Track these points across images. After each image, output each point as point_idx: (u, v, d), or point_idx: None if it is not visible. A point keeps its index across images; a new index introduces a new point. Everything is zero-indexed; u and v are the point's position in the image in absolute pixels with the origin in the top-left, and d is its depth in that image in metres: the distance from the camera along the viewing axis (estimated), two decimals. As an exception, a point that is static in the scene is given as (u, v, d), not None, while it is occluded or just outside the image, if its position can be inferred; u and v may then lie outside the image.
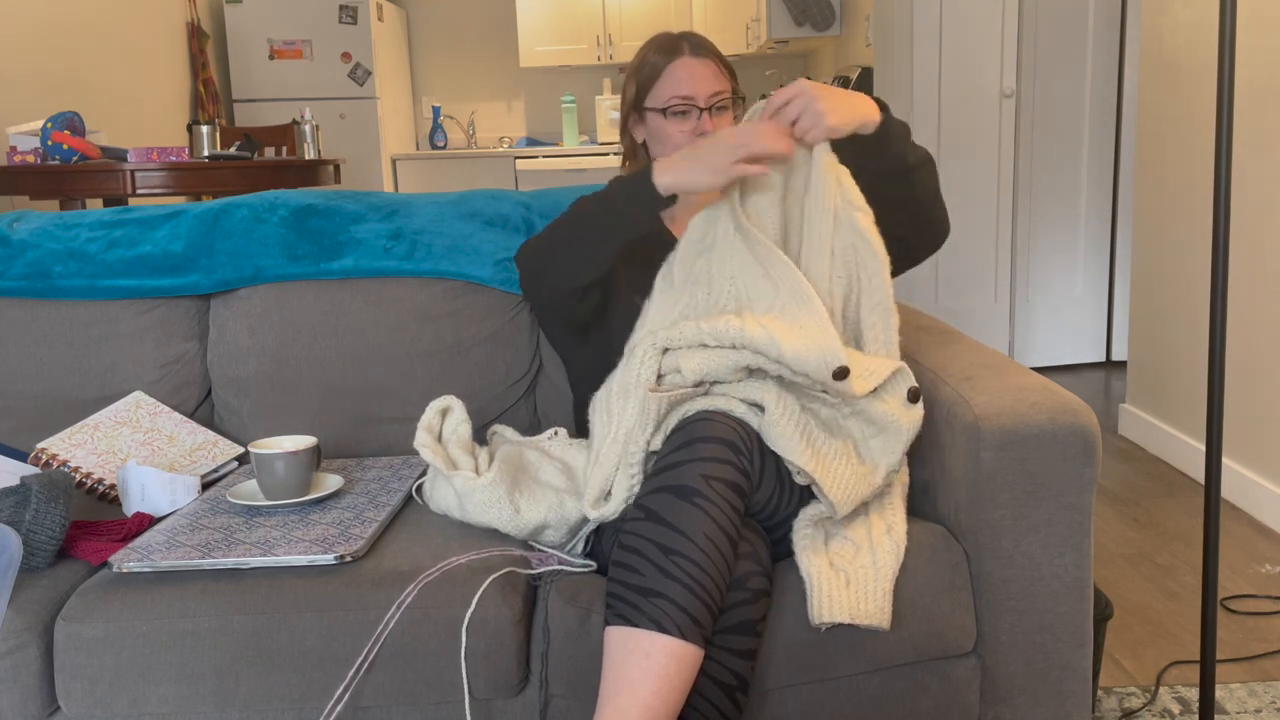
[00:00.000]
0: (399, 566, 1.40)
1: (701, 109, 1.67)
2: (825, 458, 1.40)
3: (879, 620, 1.34)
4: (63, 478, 1.47)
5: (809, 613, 1.34)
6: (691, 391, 1.43)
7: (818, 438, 1.41)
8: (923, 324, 1.85)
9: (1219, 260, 1.56)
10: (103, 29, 4.54)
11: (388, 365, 1.90)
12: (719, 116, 1.69)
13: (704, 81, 1.68)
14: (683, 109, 1.67)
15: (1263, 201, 2.68)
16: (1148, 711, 1.87)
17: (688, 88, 1.67)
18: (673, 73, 1.68)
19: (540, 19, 6.41)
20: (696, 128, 1.67)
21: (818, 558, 1.37)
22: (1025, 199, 4.34)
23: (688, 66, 1.68)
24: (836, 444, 1.43)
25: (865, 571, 1.36)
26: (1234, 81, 1.78)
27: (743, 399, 1.43)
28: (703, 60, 1.69)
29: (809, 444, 1.39)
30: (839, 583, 1.35)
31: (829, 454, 1.41)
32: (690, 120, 1.68)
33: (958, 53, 4.22)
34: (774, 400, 1.40)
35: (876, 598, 1.35)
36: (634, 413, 1.40)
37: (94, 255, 1.94)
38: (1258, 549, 2.56)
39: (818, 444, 1.40)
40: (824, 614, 1.32)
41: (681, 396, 1.42)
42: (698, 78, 1.68)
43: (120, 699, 1.35)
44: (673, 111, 1.68)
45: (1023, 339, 4.45)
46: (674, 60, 1.69)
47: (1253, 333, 2.74)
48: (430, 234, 1.95)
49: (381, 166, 5.96)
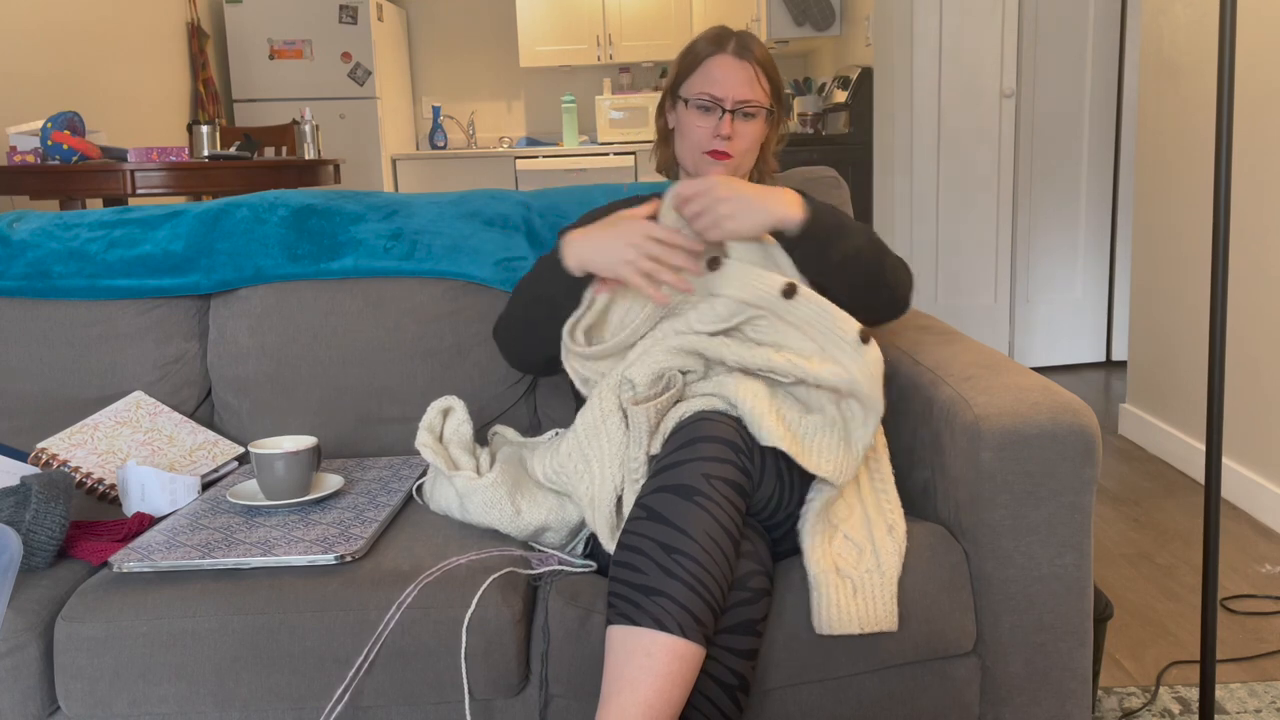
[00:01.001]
0: (399, 566, 1.40)
1: (725, 110, 1.64)
2: (803, 435, 1.40)
3: (887, 625, 1.34)
4: (63, 478, 1.47)
5: (815, 621, 1.34)
6: (668, 398, 1.42)
7: (793, 419, 1.41)
8: (923, 324, 1.85)
9: (1219, 260, 1.56)
10: (103, 29, 4.54)
11: (388, 365, 1.90)
12: (743, 123, 1.65)
13: (737, 85, 1.64)
14: (707, 105, 1.65)
15: (1263, 202, 2.68)
16: (1148, 711, 1.87)
17: (719, 87, 1.64)
18: (709, 67, 1.66)
19: (540, 19, 6.41)
20: (717, 128, 1.64)
21: (825, 561, 1.37)
22: (1025, 199, 4.34)
23: (725, 65, 1.65)
24: (814, 419, 1.42)
25: (871, 577, 1.36)
26: (1234, 81, 1.79)
27: (716, 394, 1.43)
28: (742, 63, 1.65)
29: (785, 426, 1.39)
30: (846, 591, 1.35)
31: (807, 430, 1.40)
32: (712, 118, 1.65)
33: (958, 53, 4.22)
34: (744, 391, 1.40)
35: (884, 601, 1.35)
36: (617, 437, 1.41)
37: (94, 255, 1.94)
38: (1258, 549, 2.56)
39: (793, 424, 1.40)
40: (832, 626, 1.33)
41: (661, 405, 1.41)
42: (731, 79, 1.64)
43: (120, 699, 1.35)
44: (697, 104, 1.66)
45: (1023, 339, 4.45)
46: (715, 55, 1.66)
47: (1253, 333, 2.74)
48: (430, 234, 1.95)
49: (381, 166, 5.96)
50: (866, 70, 4.67)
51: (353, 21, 5.74)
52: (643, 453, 1.39)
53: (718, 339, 1.47)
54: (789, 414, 1.42)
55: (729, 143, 1.64)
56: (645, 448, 1.39)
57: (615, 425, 1.43)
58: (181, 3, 5.28)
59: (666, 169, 1.79)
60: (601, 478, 1.41)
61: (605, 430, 1.43)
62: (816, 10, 5.22)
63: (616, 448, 1.42)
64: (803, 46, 6.11)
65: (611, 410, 1.44)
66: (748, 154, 1.68)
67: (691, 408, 1.41)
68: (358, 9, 5.73)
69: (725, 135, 1.63)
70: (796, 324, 1.45)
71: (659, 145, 1.79)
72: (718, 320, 1.48)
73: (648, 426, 1.39)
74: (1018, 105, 4.26)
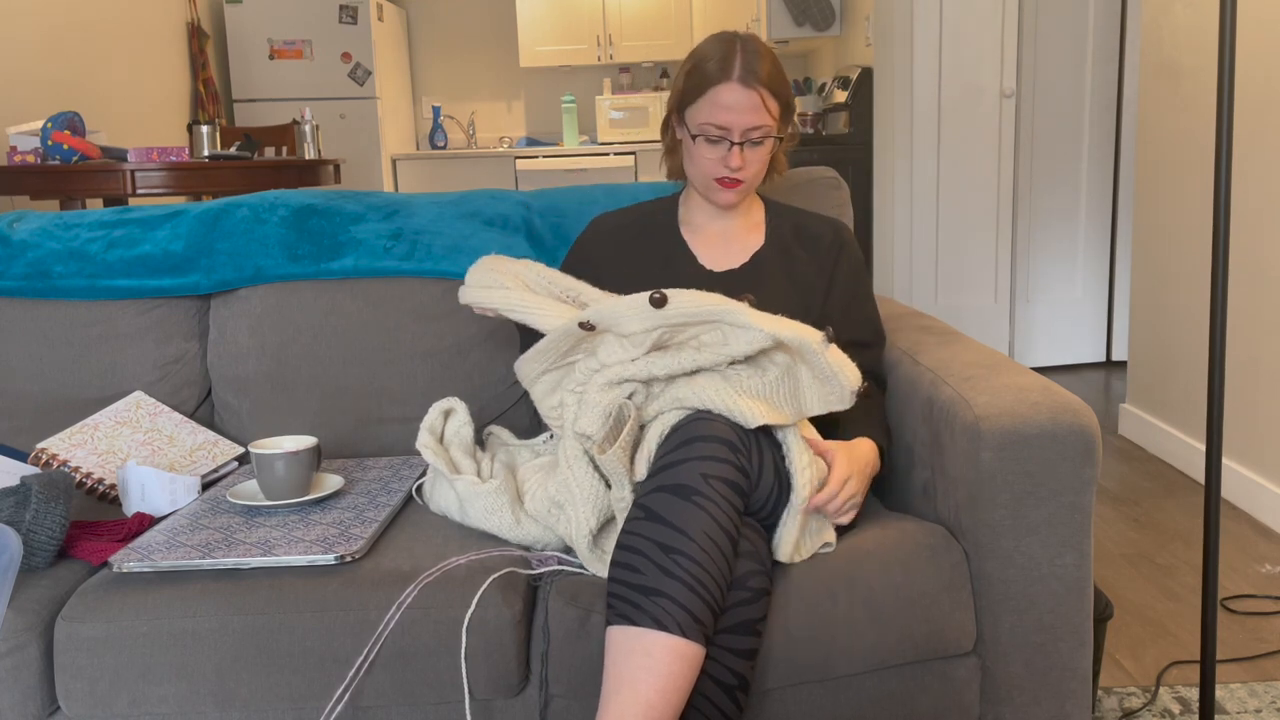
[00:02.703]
0: (399, 566, 1.40)
1: (734, 143, 1.61)
2: (777, 400, 1.41)
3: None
4: (63, 478, 1.47)
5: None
6: (629, 430, 1.40)
7: (757, 386, 1.41)
8: (923, 324, 1.85)
9: (1219, 260, 1.56)
10: (103, 29, 4.54)
11: (388, 365, 1.90)
12: (752, 150, 1.63)
13: (744, 114, 1.59)
14: (715, 137, 1.62)
15: (1263, 202, 2.68)
16: (1148, 711, 1.87)
17: (725, 117, 1.59)
18: (716, 96, 1.59)
19: (540, 19, 6.41)
20: (726, 159, 1.62)
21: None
22: (1025, 199, 4.34)
23: (732, 94, 1.59)
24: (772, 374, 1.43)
25: None
26: (1234, 82, 1.79)
27: (679, 406, 1.42)
28: (749, 91, 1.58)
29: (760, 400, 1.40)
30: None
31: (774, 389, 1.41)
32: (721, 149, 1.62)
33: (958, 53, 4.22)
34: (703, 390, 1.39)
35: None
36: (587, 482, 1.41)
37: (94, 255, 1.94)
38: (1258, 549, 2.56)
39: (760, 391, 1.41)
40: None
41: (625, 442, 1.39)
42: (738, 109, 1.59)
43: (120, 699, 1.35)
44: (704, 136, 1.63)
45: (1023, 339, 4.45)
46: (722, 84, 1.59)
47: (1253, 333, 2.74)
48: (430, 234, 1.95)
49: (381, 166, 5.96)
50: (866, 70, 4.67)
51: (353, 21, 5.74)
52: (627, 492, 1.38)
53: (639, 362, 1.43)
54: (751, 383, 1.41)
55: (739, 170, 1.63)
56: (629, 488, 1.38)
57: (582, 471, 1.42)
58: (181, 3, 5.28)
59: (677, 176, 1.79)
60: (577, 521, 1.42)
61: (574, 476, 1.43)
62: (816, 10, 5.22)
63: (588, 493, 1.42)
64: (803, 46, 6.11)
65: (577, 456, 1.43)
66: (758, 175, 1.67)
67: (667, 423, 1.40)
68: (358, 9, 5.73)
69: (733, 166, 1.62)
70: (689, 322, 1.43)
71: (668, 154, 1.78)
72: (628, 350, 1.45)
73: (625, 466, 1.38)
74: (1018, 105, 4.26)
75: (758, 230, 1.75)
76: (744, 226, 1.75)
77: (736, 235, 1.74)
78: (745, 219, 1.75)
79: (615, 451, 1.36)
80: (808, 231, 1.75)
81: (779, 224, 1.76)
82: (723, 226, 1.74)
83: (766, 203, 1.80)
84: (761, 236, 1.74)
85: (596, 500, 1.42)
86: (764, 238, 1.74)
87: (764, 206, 1.79)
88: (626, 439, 1.39)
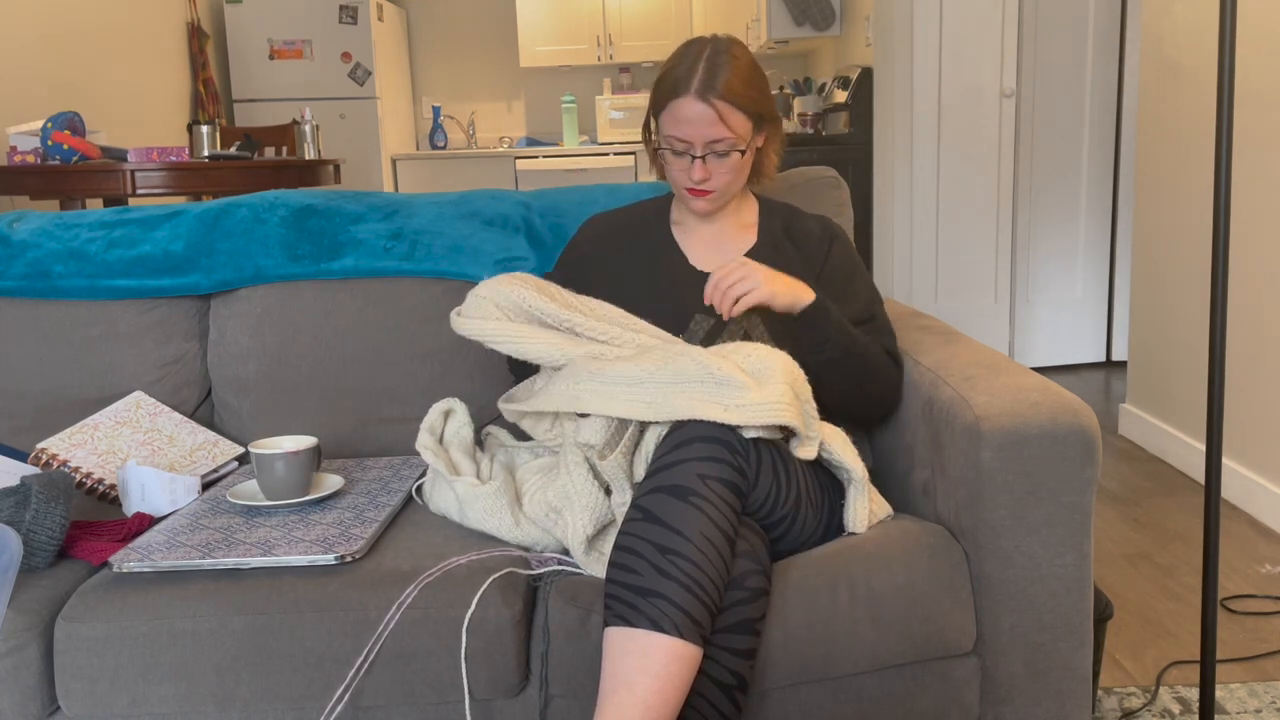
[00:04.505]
0: (399, 566, 1.40)
1: (695, 156, 1.62)
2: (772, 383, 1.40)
3: None
4: (63, 478, 1.47)
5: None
6: (629, 435, 1.40)
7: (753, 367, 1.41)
8: (923, 324, 1.85)
9: (1219, 260, 1.56)
10: (103, 29, 4.54)
11: (388, 365, 1.90)
12: (717, 161, 1.63)
13: (703, 128, 1.59)
14: (679, 150, 1.63)
15: (1263, 202, 2.68)
16: (1148, 711, 1.87)
17: (685, 130, 1.60)
18: (675, 110, 1.60)
19: (540, 19, 6.42)
20: (690, 170, 1.63)
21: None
22: (1025, 199, 4.34)
23: (689, 109, 1.59)
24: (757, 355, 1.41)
25: None
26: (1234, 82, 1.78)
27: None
28: (705, 106, 1.58)
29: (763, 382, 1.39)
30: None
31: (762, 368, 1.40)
32: (685, 161, 1.64)
33: (958, 53, 4.22)
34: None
35: None
36: (586, 488, 1.42)
37: (94, 255, 1.94)
38: (1258, 549, 2.56)
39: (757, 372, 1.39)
40: None
41: (626, 446, 1.40)
42: (697, 123, 1.59)
43: (120, 699, 1.35)
44: (668, 148, 1.64)
45: (1023, 339, 4.45)
46: (679, 98, 1.60)
47: (1253, 333, 2.74)
48: (430, 234, 1.95)
49: (381, 166, 5.96)
50: (866, 70, 4.67)
51: (353, 21, 5.74)
52: (628, 496, 1.39)
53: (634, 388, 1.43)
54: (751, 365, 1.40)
55: (704, 182, 1.64)
56: (629, 491, 1.39)
57: (582, 478, 1.43)
58: (181, 3, 5.28)
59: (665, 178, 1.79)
60: (574, 527, 1.42)
61: (573, 483, 1.43)
62: (816, 10, 5.22)
63: (586, 500, 1.42)
64: (803, 46, 6.11)
65: (577, 463, 1.44)
66: (730, 184, 1.67)
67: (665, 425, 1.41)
68: (358, 9, 5.73)
69: (698, 179, 1.63)
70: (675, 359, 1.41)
71: (652, 158, 1.79)
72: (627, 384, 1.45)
73: (625, 471, 1.39)
74: (1018, 105, 4.26)
75: (750, 230, 1.75)
76: (736, 226, 1.75)
77: (728, 235, 1.74)
78: (736, 219, 1.75)
79: (616, 458, 1.37)
80: (798, 229, 1.75)
81: (771, 223, 1.76)
82: (714, 227, 1.74)
83: (761, 201, 1.80)
84: (754, 236, 1.74)
85: (595, 508, 1.42)
86: (756, 237, 1.74)
87: (758, 206, 1.79)
88: (627, 444, 1.40)
